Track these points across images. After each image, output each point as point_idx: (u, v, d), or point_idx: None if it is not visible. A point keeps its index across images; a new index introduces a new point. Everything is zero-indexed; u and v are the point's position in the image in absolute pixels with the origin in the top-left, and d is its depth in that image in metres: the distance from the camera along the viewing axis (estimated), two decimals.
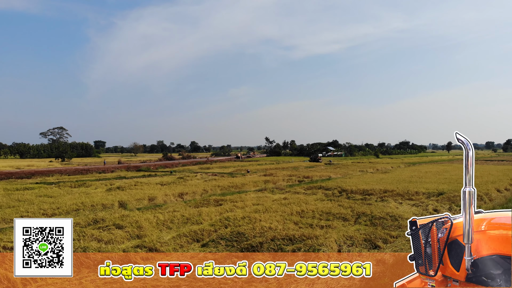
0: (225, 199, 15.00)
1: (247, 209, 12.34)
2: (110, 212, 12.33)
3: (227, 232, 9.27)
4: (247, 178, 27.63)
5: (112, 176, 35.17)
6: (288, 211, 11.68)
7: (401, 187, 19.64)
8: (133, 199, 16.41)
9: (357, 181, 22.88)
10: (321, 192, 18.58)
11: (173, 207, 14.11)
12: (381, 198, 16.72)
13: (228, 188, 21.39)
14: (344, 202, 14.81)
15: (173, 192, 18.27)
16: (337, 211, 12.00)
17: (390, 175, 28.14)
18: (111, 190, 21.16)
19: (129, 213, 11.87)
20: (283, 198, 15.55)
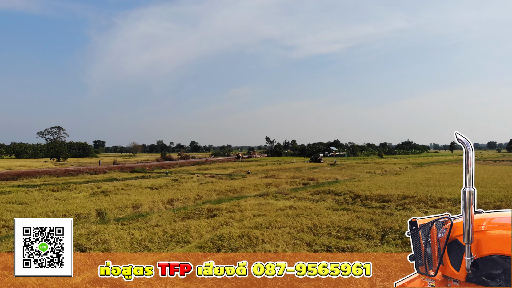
0: (221, 208, 12.72)
1: (246, 223, 10.05)
2: (79, 226, 10.03)
3: (219, 259, 6.98)
4: (247, 180, 25.33)
5: (102, 178, 32.87)
6: (297, 226, 9.38)
7: (421, 192, 17.34)
8: (114, 207, 14.14)
9: (369, 185, 20.58)
10: (331, 198, 16.27)
11: (157, 218, 11.84)
12: (401, 206, 14.43)
13: (226, 192, 19.10)
14: (361, 211, 12.53)
15: (162, 198, 15.99)
16: (357, 225, 9.70)
17: (403, 178, 25.82)
18: (94, 195, 18.90)
19: (100, 228, 9.59)
20: (288, 206, 13.25)
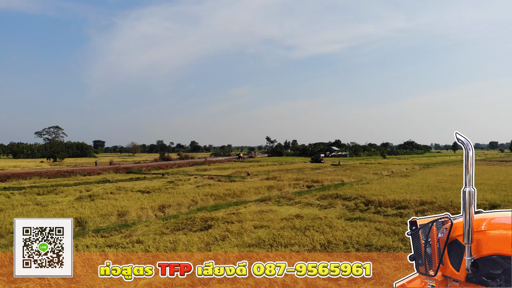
0: (217, 217, 11.08)
1: (245, 238, 8.40)
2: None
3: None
4: (247, 183, 23.69)
5: (95, 180, 31.23)
6: (308, 243, 7.73)
7: (439, 196, 15.70)
8: (97, 215, 12.53)
9: (380, 188, 18.93)
10: (340, 204, 14.63)
11: (143, 229, 10.21)
12: (421, 214, 12.80)
13: (224, 197, 17.46)
14: (379, 221, 10.90)
15: (153, 204, 14.35)
16: (379, 241, 8.06)
17: (414, 180, 24.16)
18: (80, 200, 17.29)
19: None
20: (294, 215, 11.60)
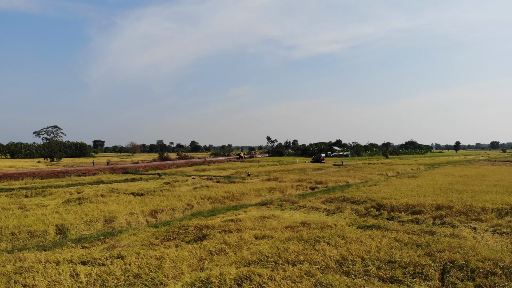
0: (213, 225, 9.85)
1: (245, 252, 7.17)
2: (11, 256, 7.14)
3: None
4: (247, 184, 22.44)
5: (89, 181, 30.01)
6: (319, 259, 6.50)
7: (455, 200, 14.46)
8: (81, 221, 11.31)
9: (388, 191, 17.68)
10: (349, 209, 13.38)
11: (129, 239, 8.98)
12: (440, 220, 11.58)
13: (222, 200, 16.23)
14: (396, 229, 9.66)
15: (145, 209, 13.12)
16: (403, 256, 6.82)
17: (423, 181, 22.89)
18: (68, 203, 16.08)
19: (42, 259, 6.74)
20: (300, 222, 10.35)
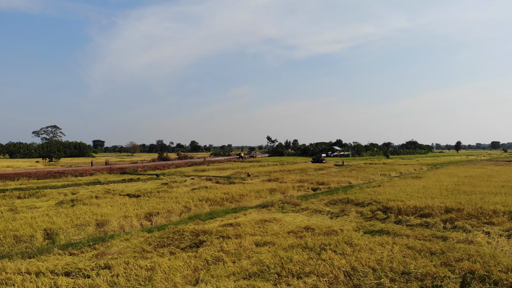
0: (210, 230, 9.22)
1: (244, 262, 6.54)
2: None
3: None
4: (247, 185, 21.82)
5: (86, 181, 29.38)
6: (327, 271, 5.87)
7: (464, 202, 13.84)
8: (72, 225, 10.69)
9: (394, 192, 17.06)
10: (354, 211, 12.75)
11: (120, 245, 8.36)
12: (450, 223, 10.96)
13: (221, 202, 15.60)
14: (406, 235, 9.03)
15: (139, 212, 12.49)
16: (419, 267, 6.19)
17: (428, 182, 22.25)
18: (61, 205, 15.47)
19: (22, 268, 6.11)
20: (304, 227, 9.72)
